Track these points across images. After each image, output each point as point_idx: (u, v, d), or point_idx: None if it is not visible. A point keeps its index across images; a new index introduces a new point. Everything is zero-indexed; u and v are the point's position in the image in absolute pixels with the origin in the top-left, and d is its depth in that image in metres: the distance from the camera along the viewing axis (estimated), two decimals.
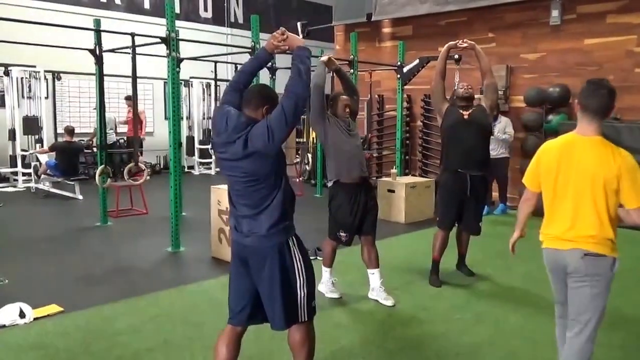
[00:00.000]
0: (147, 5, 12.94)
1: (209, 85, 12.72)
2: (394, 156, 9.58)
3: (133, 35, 6.14)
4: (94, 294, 4.60)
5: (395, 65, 8.98)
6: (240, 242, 2.64)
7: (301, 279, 2.62)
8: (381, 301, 4.38)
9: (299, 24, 11.57)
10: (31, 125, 10.32)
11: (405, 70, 8.95)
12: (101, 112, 6.91)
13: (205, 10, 14.12)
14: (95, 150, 8.11)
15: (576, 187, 2.64)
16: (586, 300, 2.64)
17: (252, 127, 2.50)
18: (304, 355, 2.71)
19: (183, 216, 7.35)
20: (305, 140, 10.64)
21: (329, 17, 12.15)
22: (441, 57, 4.95)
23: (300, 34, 11.08)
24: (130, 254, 5.89)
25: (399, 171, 8.70)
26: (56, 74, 11.40)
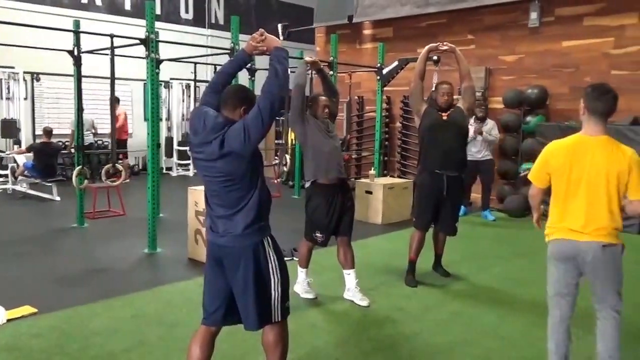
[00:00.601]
0: (127, 7, 12.84)
1: (188, 86, 12.66)
2: (372, 157, 9.63)
3: (112, 36, 6.11)
4: (69, 295, 4.56)
5: (375, 67, 9.03)
6: (215, 242, 2.65)
7: (275, 279, 2.63)
8: (356, 302, 4.41)
9: (279, 25, 11.62)
10: (9, 128, 10.20)
11: (384, 71, 9.00)
12: (79, 113, 6.88)
13: (187, 12, 14.05)
14: (73, 151, 8.03)
15: (589, 184, 2.86)
16: (612, 275, 2.89)
17: (229, 127, 2.51)
18: (277, 356, 2.73)
19: (160, 217, 7.33)
20: (284, 141, 10.64)
21: (310, 19, 12.15)
22: (421, 58, 4.96)
23: (280, 35, 11.13)
24: (107, 255, 5.84)
25: (377, 172, 8.74)
26: (35, 75, 11.25)
